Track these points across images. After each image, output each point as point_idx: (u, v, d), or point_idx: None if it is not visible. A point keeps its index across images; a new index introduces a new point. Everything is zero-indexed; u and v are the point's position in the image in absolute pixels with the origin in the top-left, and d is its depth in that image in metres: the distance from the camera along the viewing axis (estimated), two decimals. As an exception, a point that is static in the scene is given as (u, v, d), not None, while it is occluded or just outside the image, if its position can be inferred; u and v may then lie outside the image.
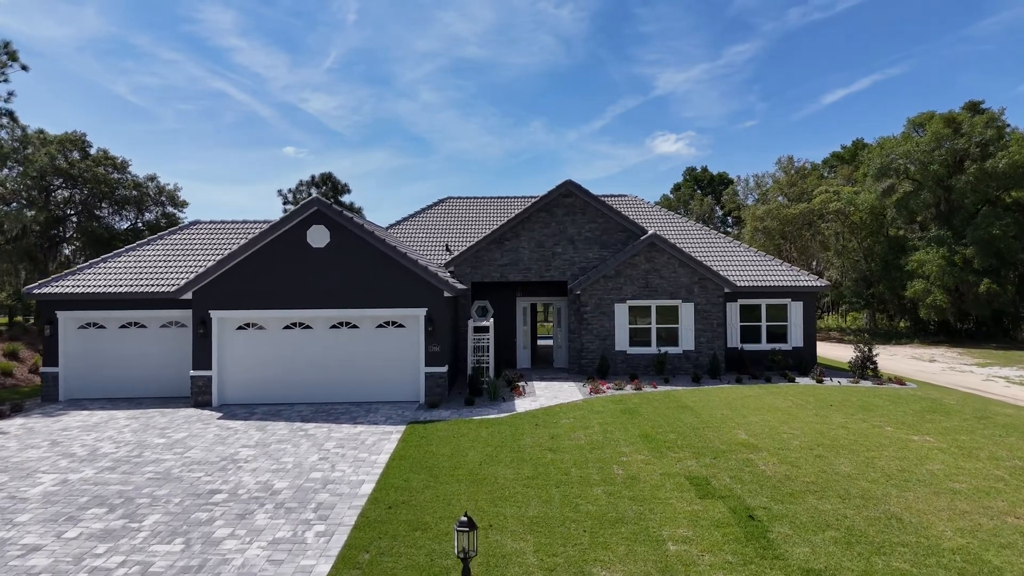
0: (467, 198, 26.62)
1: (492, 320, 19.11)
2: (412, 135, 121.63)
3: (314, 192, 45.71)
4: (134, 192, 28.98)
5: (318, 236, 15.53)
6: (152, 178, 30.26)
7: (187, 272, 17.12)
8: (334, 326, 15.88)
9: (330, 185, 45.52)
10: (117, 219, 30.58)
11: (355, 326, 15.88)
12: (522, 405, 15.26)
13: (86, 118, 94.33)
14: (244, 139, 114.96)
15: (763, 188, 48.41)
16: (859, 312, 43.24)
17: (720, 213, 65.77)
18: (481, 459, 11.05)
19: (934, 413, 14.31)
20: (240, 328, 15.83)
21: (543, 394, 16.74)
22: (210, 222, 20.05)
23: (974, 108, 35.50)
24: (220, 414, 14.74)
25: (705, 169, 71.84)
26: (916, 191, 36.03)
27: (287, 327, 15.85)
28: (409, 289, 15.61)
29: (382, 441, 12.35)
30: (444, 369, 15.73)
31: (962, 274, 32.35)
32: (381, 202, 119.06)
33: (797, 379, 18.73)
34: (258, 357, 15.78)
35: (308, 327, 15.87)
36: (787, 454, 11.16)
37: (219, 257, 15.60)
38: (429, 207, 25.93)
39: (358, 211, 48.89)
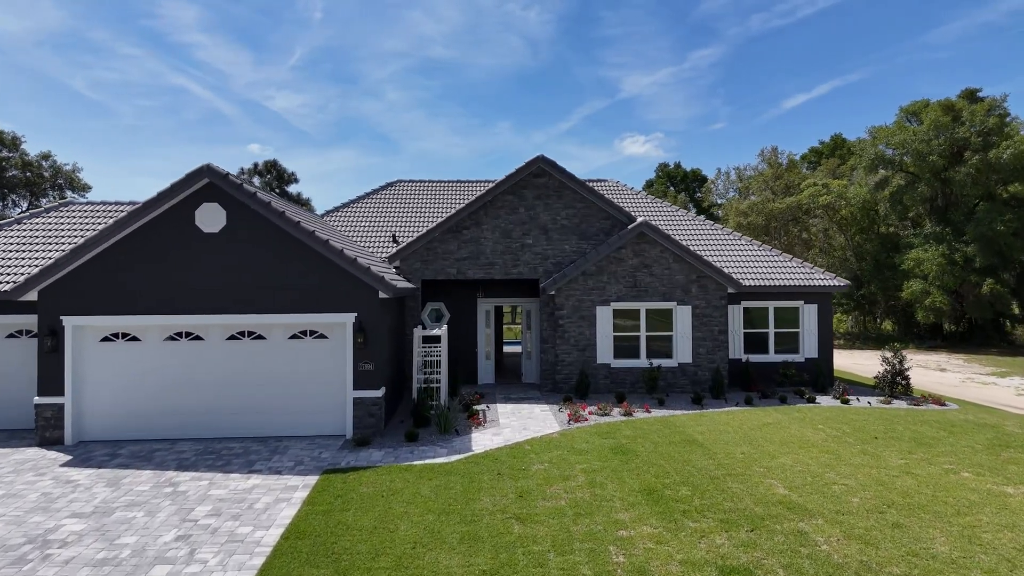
0: (419, 182, 22.72)
1: (446, 327, 15.49)
2: (378, 134, 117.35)
3: (257, 181, 41.14)
4: (27, 173, 24.26)
5: (210, 217, 11.69)
6: (46, 156, 25.39)
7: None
8: (233, 336, 12.04)
9: (275, 173, 40.96)
10: (6, 205, 25.75)
11: (261, 337, 12.08)
12: (481, 441, 11.68)
13: (43, 113, 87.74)
14: (207, 136, 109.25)
15: (745, 181, 45.60)
16: (845, 315, 40.67)
17: (694, 211, 63.16)
18: (417, 536, 7.51)
19: (1008, 448, 11.23)
20: (106, 340, 11.88)
21: (509, 423, 13.18)
22: (86, 203, 15.74)
23: (971, 96, 33.14)
24: (69, 457, 10.85)
25: (679, 165, 68.82)
26: (911, 184, 33.51)
27: (170, 338, 11.97)
28: (334, 288, 11.89)
29: (279, 503, 8.68)
30: (379, 393, 12.03)
31: (963, 273, 29.89)
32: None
33: (818, 398, 15.51)
34: (131, 378, 11.86)
35: (199, 338, 12.01)
36: (851, 521, 7.90)
37: (75, 245, 11.61)
38: (375, 191, 22.02)
39: (306, 203, 44.45)
